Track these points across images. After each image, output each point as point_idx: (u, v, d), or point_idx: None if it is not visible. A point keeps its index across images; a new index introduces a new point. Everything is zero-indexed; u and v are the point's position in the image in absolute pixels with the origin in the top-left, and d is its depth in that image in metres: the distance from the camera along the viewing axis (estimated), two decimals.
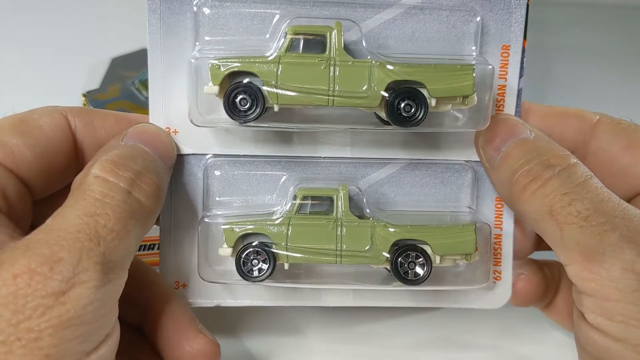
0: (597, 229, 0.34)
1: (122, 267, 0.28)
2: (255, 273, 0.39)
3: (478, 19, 0.41)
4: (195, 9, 0.39)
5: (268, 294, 0.43)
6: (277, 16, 0.39)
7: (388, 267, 0.40)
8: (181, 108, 0.39)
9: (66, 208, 0.28)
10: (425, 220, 0.42)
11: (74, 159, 0.34)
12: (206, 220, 0.41)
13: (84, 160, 0.36)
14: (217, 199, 0.42)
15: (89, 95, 0.61)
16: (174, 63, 0.40)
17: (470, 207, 0.44)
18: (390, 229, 0.39)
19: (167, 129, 0.39)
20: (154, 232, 0.41)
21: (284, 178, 0.42)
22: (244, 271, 0.39)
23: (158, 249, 0.42)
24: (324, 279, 0.42)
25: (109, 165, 0.29)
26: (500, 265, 0.44)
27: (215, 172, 0.42)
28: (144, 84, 0.61)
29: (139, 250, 0.50)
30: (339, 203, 0.39)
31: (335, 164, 0.42)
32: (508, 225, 0.44)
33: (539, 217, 0.36)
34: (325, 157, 0.42)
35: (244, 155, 0.42)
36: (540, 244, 0.46)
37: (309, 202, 0.40)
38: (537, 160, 0.37)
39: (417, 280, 0.39)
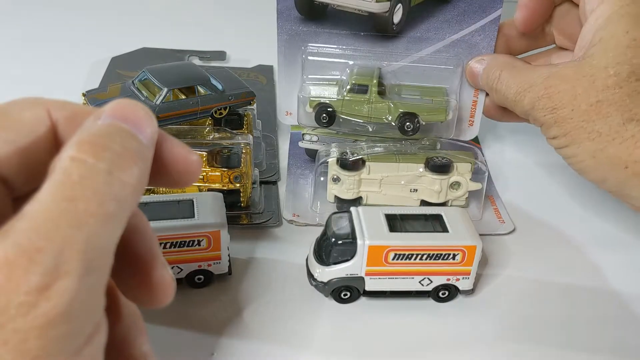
0: None
1: (107, 252, 0.26)
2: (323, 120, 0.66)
3: None
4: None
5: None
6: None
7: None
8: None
9: (43, 193, 0.25)
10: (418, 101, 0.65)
11: (55, 155, 0.32)
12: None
13: None
14: None
15: (88, 95, 0.61)
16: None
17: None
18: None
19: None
20: None
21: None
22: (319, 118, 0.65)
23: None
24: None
25: (87, 147, 0.27)
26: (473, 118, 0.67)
27: None
28: (144, 83, 0.61)
29: None
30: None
31: None
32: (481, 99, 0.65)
33: None
34: None
35: None
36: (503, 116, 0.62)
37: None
38: None
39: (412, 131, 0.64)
